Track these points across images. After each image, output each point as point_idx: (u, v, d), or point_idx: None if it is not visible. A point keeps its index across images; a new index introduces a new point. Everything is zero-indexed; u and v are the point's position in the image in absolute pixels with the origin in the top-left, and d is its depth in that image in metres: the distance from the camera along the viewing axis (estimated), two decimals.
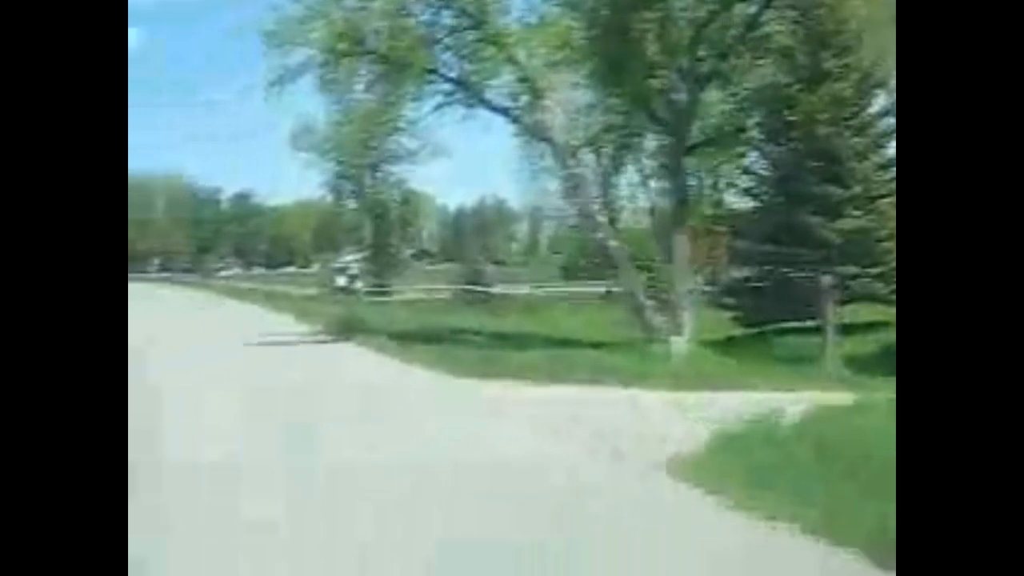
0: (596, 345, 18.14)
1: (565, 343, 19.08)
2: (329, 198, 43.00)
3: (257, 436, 10.31)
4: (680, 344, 17.27)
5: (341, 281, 40.05)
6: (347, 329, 22.35)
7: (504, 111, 21.88)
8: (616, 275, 20.70)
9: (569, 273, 46.96)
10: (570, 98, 22.12)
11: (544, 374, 14.09)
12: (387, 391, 13.99)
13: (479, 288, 37.74)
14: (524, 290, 43.81)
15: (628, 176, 26.44)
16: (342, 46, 22.09)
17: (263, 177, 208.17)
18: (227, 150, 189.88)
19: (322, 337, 22.76)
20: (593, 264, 28.04)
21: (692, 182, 22.63)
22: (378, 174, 42.26)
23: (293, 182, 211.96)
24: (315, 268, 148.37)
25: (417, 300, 38.38)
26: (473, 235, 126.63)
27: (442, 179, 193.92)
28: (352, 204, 43.12)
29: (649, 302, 19.32)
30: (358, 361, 18.44)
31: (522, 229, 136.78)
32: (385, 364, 17.37)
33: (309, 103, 47.10)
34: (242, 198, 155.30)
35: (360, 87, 43.45)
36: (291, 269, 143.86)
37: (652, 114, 21.39)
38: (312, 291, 45.94)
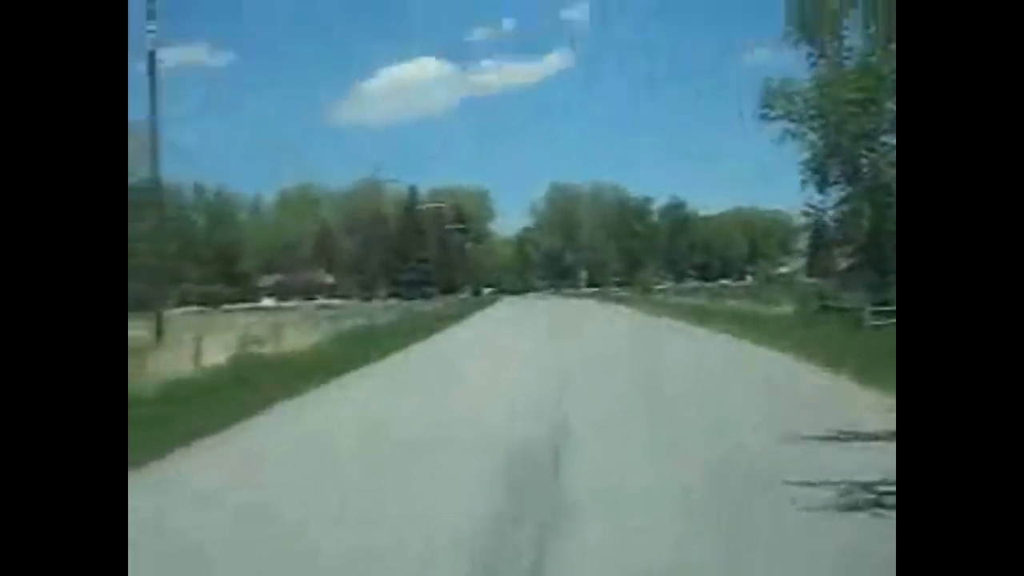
0: None
1: None
2: (808, 181, 30.73)
3: None
4: None
5: None
6: None
7: None
8: None
9: None
10: None
11: None
12: None
13: None
14: None
15: None
16: None
17: (696, 185, 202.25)
18: (656, 159, 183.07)
19: None
20: None
21: None
22: (880, 148, 30.67)
23: (728, 188, 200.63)
24: (749, 280, 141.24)
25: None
26: None
27: None
28: (839, 190, 31.03)
29: None
30: None
31: None
32: None
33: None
34: (673, 208, 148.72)
35: (850, 31, 32.30)
36: (726, 281, 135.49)
37: None
38: (783, 309, 34.40)
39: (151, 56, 23.29)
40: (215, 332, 22.50)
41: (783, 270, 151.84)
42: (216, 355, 17.78)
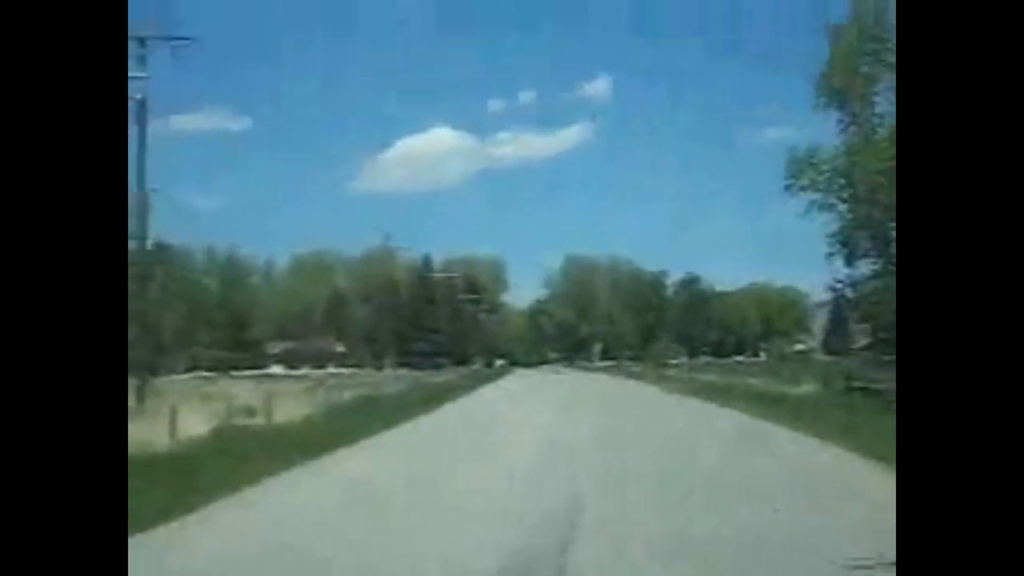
0: None
1: None
2: (837, 257, 29.18)
3: None
4: None
5: None
6: None
7: None
8: None
9: None
10: None
11: None
12: None
13: None
14: None
15: None
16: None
17: (711, 261, 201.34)
18: (672, 234, 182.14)
19: None
20: None
21: None
22: None
23: (743, 264, 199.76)
24: (763, 357, 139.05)
25: None
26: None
27: None
28: (869, 263, 29.45)
29: None
30: None
31: None
32: None
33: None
34: (689, 283, 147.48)
35: (882, 97, 30.98)
36: (740, 358, 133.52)
37: None
38: (806, 388, 32.70)
39: (141, 106, 22.15)
40: (206, 400, 21.19)
41: (799, 347, 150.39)
42: (198, 425, 16.37)
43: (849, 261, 29.19)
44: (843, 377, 31.28)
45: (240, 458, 13.48)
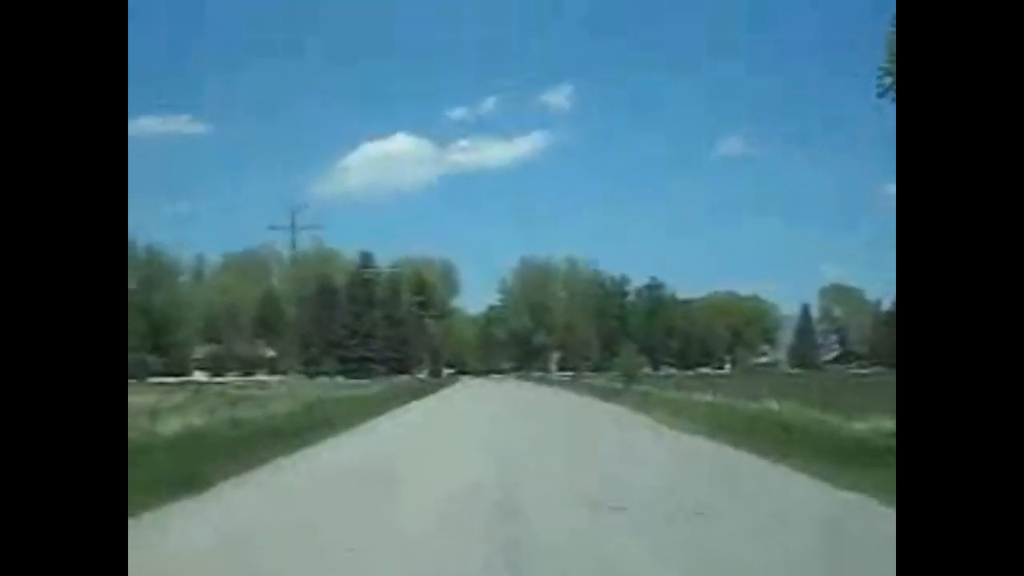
0: None
1: None
2: None
3: None
4: None
5: None
6: None
7: None
8: None
9: None
10: None
11: None
12: None
13: None
14: None
15: None
16: None
17: (673, 267, 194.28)
18: (636, 236, 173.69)
19: None
20: None
21: None
22: None
23: (708, 273, 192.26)
24: (728, 369, 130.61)
25: None
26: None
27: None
28: None
29: None
30: None
31: None
32: None
33: None
34: (651, 289, 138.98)
35: None
36: (705, 370, 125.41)
37: None
38: (876, 422, 22.31)
39: None
40: None
41: (764, 360, 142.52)
42: None
43: None
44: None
45: None
